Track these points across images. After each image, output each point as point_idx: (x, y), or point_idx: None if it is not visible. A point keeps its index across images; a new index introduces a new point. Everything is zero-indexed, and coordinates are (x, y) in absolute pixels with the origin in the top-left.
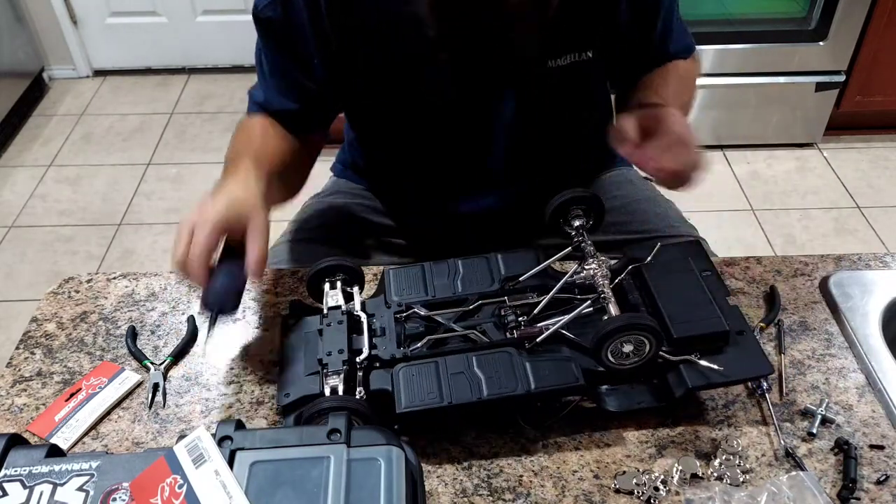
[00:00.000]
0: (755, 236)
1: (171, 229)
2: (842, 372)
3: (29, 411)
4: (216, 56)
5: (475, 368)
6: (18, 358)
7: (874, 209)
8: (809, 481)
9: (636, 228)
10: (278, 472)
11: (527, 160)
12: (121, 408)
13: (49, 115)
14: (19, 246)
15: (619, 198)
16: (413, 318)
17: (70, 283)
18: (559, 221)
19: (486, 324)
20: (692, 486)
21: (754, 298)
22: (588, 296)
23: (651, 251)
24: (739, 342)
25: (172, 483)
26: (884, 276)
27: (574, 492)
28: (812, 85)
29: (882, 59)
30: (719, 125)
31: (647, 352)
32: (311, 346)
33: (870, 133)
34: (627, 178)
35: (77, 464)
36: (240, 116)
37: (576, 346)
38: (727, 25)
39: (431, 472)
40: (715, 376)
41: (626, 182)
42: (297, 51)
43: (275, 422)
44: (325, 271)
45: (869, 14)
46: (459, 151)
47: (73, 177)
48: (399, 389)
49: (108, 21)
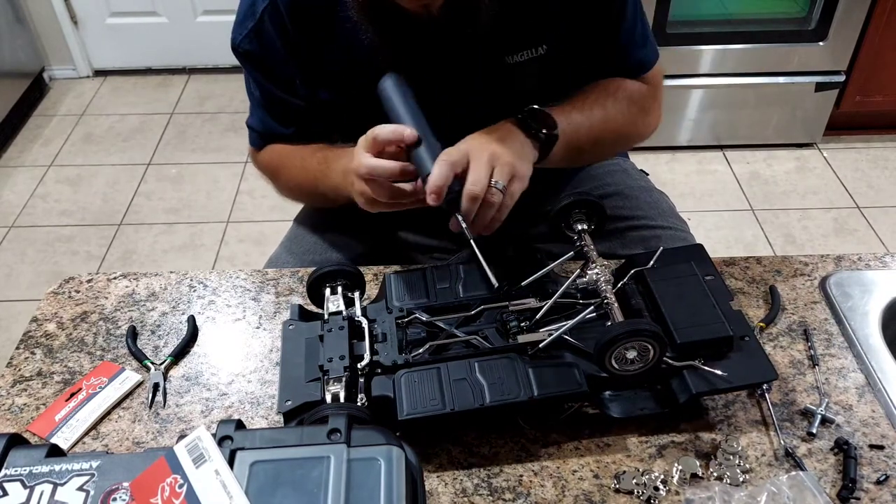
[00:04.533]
0: (755, 236)
1: (171, 229)
2: (842, 372)
3: (29, 411)
4: (216, 56)
5: (477, 375)
6: (19, 358)
7: (874, 209)
8: (809, 481)
9: (628, 214)
10: (278, 471)
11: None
12: (121, 408)
13: (49, 115)
14: (20, 246)
15: (612, 185)
16: (415, 324)
17: (70, 283)
18: (561, 226)
19: (488, 329)
20: (692, 486)
21: (754, 299)
22: (591, 301)
23: (653, 256)
24: (743, 347)
25: (173, 483)
26: (884, 276)
27: (574, 492)
28: (812, 85)
29: (882, 59)
30: (719, 125)
31: (651, 358)
32: (311, 352)
33: (869, 133)
34: (622, 168)
35: (77, 464)
36: (239, 116)
37: (579, 351)
38: (727, 25)
39: (431, 472)
40: (719, 382)
41: (621, 171)
42: (280, 76)
43: (275, 422)
44: (325, 276)
45: (869, 14)
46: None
47: (74, 177)
48: (401, 396)
49: (109, 21)
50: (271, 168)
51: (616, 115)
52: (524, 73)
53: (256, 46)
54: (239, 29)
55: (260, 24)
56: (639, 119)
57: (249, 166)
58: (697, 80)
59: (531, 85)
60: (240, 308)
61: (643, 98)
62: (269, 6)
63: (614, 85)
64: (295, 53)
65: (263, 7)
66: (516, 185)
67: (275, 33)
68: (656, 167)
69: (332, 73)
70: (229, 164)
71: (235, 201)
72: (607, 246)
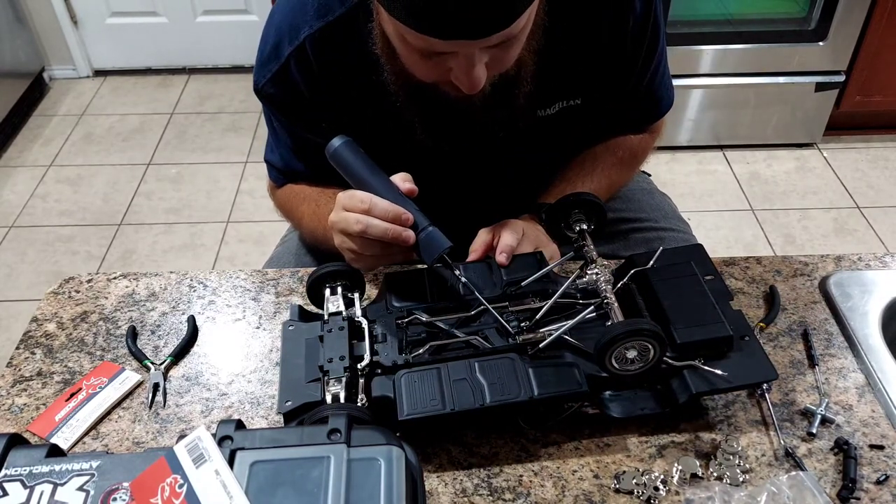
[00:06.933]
0: (755, 236)
1: (171, 229)
2: (842, 372)
3: (29, 411)
4: (216, 56)
5: (478, 375)
6: (19, 358)
7: (874, 209)
8: (809, 481)
9: (630, 216)
10: (278, 471)
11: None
12: (121, 408)
13: (49, 115)
14: (19, 246)
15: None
16: (414, 324)
17: (70, 283)
18: (560, 226)
19: (489, 329)
20: (692, 486)
21: (754, 298)
22: (591, 301)
23: (653, 256)
24: (743, 347)
25: (173, 483)
26: (884, 276)
27: (574, 492)
28: (812, 85)
29: (882, 59)
30: (719, 125)
31: (651, 357)
32: (311, 352)
33: (869, 133)
34: None
35: (77, 464)
36: (239, 116)
37: (579, 351)
38: (727, 25)
39: (431, 472)
40: (719, 382)
41: None
42: (303, 117)
43: (275, 422)
44: (325, 277)
45: (869, 14)
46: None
47: (74, 177)
48: (401, 396)
49: (109, 21)
50: (286, 209)
51: (619, 178)
52: (555, 124)
53: (280, 90)
54: (262, 71)
55: (285, 67)
56: (637, 167)
57: (249, 166)
58: (697, 80)
59: (560, 134)
60: (240, 308)
61: (645, 150)
62: (297, 50)
63: (622, 148)
64: (319, 96)
65: (290, 51)
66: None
67: (300, 77)
68: (656, 167)
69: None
70: (229, 164)
71: (235, 201)
72: (610, 248)
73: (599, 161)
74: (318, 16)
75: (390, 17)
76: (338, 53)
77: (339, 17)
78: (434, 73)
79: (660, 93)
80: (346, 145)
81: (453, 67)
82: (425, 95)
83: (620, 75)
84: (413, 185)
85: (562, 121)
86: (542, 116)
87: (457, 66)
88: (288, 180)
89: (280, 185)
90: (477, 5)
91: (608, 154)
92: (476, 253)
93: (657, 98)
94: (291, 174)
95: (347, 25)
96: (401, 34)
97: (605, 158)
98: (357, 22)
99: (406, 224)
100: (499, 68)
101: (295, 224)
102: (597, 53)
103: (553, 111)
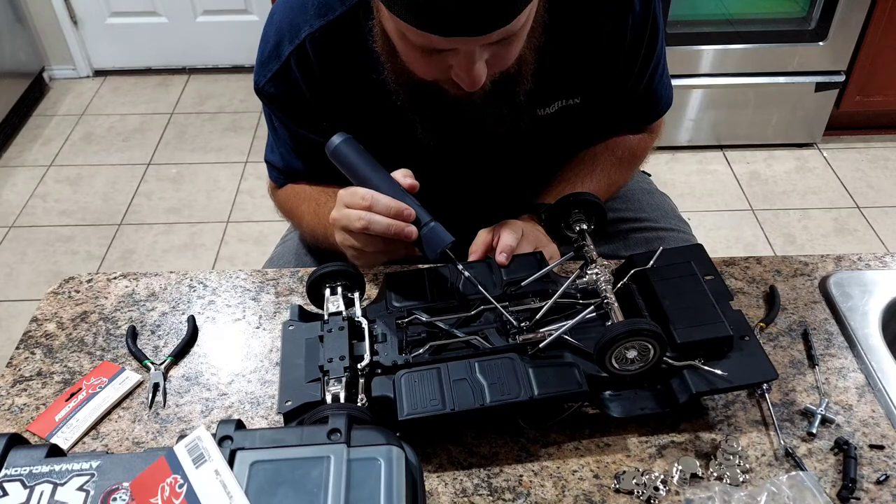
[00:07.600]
0: (755, 236)
1: (171, 229)
2: (842, 372)
3: (29, 411)
4: (216, 56)
5: (478, 375)
6: (18, 358)
7: (874, 209)
8: (809, 481)
9: (630, 216)
10: (278, 471)
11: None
12: (121, 408)
13: (49, 115)
14: (19, 246)
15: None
16: (414, 324)
17: (70, 283)
18: (560, 226)
19: (489, 329)
20: (692, 486)
21: (754, 298)
22: (591, 301)
23: (653, 255)
24: (743, 347)
25: (173, 483)
26: (884, 276)
27: (574, 492)
28: (812, 85)
29: (882, 59)
30: (719, 125)
31: (652, 357)
32: (311, 352)
33: (869, 133)
34: None
35: (77, 464)
36: (239, 116)
37: (579, 351)
38: (727, 25)
39: (431, 472)
40: (719, 382)
41: None
42: (304, 117)
43: (275, 422)
44: (325, 277)
45: (869, 14)
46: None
47: (74, 177)
48: (401, 396)
49: (109, 21)
50: (286, 209)
51: (619, 178)
52: (555, 122)
53: (280, 89)
54: (262, 70)
55: (286, 66)
56: (637, 167)
57: (249, 166)
58: (697, 80)
59: (559, 134)
60: (240, 308)
61: (644, 150)
62: (297, 50)
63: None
64: (320, 96)
65: (290, 50)
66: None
67: (300, 76)
68: (656, 167)
69: (357, 115)
70: (229, 164)
71: (235, 201)
72: (610, 248)
73: (599, 161)
74: (319, 15)
75: (391, 14)
76: (338, 52)
77: (339, 17)
78: (434, 71)
79: (659, 92)
80: (346, 142)
81: (454, 65)
82: (426, 94)
83: (620, 75)
84: (414, 180)
85: (561, 120)
86: (542, 116)
87: (457, 64)
88: (288, 180)
89: (280, 184)
90: (477, 2)
91: (608, 154)
92: (476, 253)
93: (656, 97)
94: (292, 174)
95: (348, 24)
96: (401, 32)
97: (605, 158)
98: (357, 21)
99: (408, 220)
100: (499, 66)
101: (295, 224)
102: (596, 52)
103: (552, 110)
